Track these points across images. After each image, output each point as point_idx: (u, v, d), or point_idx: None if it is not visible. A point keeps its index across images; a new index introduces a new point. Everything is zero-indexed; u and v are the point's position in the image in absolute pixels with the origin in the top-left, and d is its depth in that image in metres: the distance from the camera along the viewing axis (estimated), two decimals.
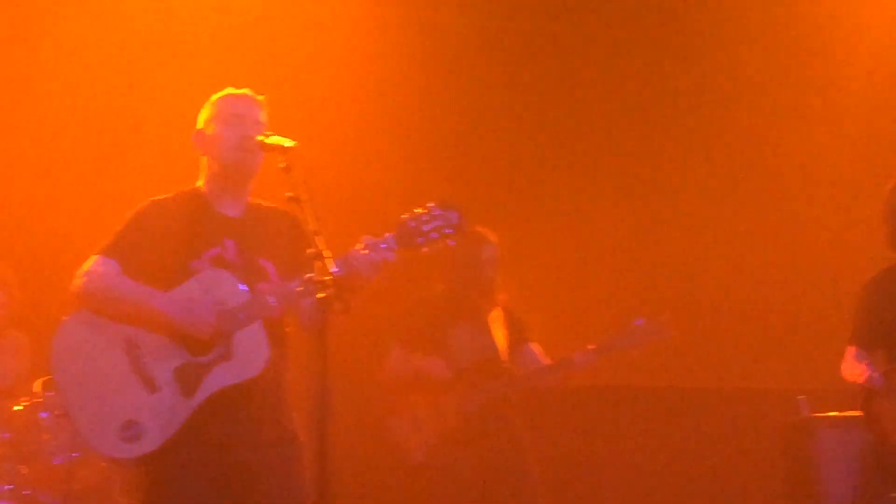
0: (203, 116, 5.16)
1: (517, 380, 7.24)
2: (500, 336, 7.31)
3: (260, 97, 5.15)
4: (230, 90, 5.17)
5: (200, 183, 5.14)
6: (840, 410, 7.43)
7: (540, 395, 7.43)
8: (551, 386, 7.28)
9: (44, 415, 6.85)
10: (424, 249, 4.77)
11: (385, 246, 4.72)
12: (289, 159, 4.64)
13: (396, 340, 7.37)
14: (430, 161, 8.75)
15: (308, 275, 4.61)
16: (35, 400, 6.90)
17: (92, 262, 4.94)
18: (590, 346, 7.11)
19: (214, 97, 5.18)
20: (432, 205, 4.78)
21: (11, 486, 6.68)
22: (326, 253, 4.43)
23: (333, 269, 4.43)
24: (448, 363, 7.16)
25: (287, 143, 4.72)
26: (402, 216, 4.78)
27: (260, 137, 4.85)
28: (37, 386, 6.83)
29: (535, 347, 7.40)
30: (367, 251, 4.72)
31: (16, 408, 6.93)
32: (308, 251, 4.45)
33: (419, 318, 7.36)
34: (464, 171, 8.88)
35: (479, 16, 8.97)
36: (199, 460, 4.82)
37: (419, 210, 4.77)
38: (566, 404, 7.99)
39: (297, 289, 4.77)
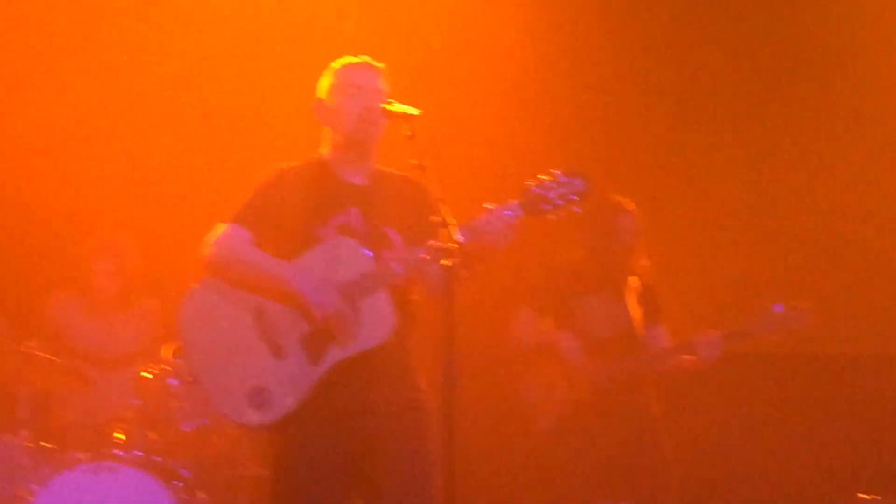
0: (323, 86, 5.16)
1: (651, 357, 7.08)
2: (635, 308, 7.19)
3: (380, 65, 5.14)
4: (349, 59, 5.16)
5: (324, 151, 5.15)
6: None
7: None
8: (685, 368, 7.10)
9: (173, 382, 6.91)
10: (550, 217, 4.76)
11: (510, 213, 4.72)
12: (413, 127, 4.66)
13: (527, 304, 7.27)
14: (556, 129, 8.62)
15: (432, 242, 4.61)
16: (164, 367, 6.96)
17: (221, 230, 4.99)
18: (724, 330, 6.95)
19: (334, 65, 5.17)
20: (558, 172, 4.77)
21: (141, 453, 6.75)
22: (451, 220, 4.44)
23: (458, 236, 4.44)
24: (580, 333, 7.06)
25: (411, 111, 4.74)
26: (527, 182, 4.77)
27: (384, 105, 4.86)
28: (166, 352, 6.90)
29: (663, 330, 7.25)
30: (491, 219, 4.70)
31: (145, 375, 7.01)
32: (432, 218, 4.47)
33: (552, 284, 7.19)
34: (590, 141, 8.73)
35: None
36: (328, 427, 4.85)
37: (544, 177, 4.76)
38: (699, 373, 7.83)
39: (422, 256, 4.78)
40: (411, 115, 4.71)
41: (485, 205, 4.77)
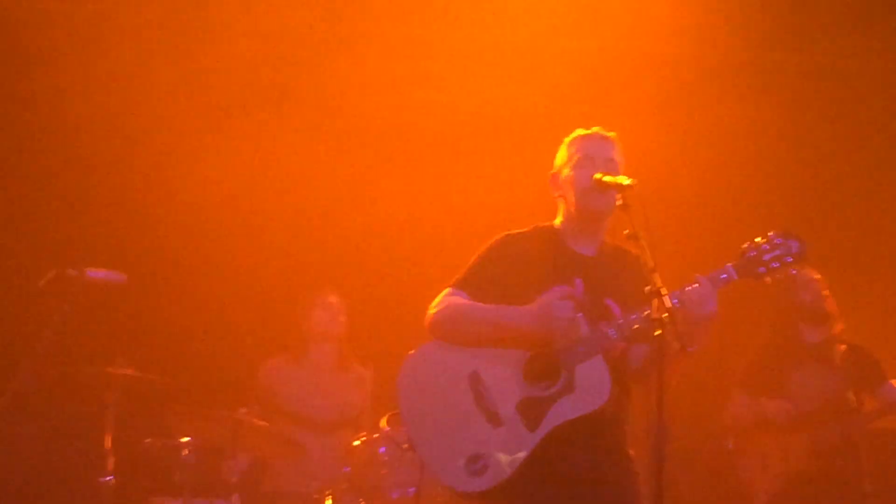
0: (558, 159, 5.21)
1: (867, 417, 7.04)
2: (846, 375, 7.12)
3: (611, 135, 5.16)
4: (580, 131, 5.19)
5: (558, 221, 5.18)
6: None
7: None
8: None
9: (381, 450, 6.98)
10: (765, 279, 4.82)
11: (725, 276, 4.77)
12: (626, 197, 4.70)
13: (739, 386, 7.32)
14: (763, 194, 8.55)
15: (646, 312, 4.60)
16: (373, 435, 7.04)
17: (444, 294, 5.03)
18: None
19: (567, 139, 5.22)
20: (772, 234, 4.86)
21: None
22: (664, 290, 4.46)
23: (673, 300, 4.52)
24: (793, 406, 7.03)
25: (623, 180, 4.77)
26: (743, 245, 4.84)
27: (597, 176, 4.91)
28: (383, 423, 6.94)
29: (891, 386, 7.18)
30: (705, 283, 4.71)
31: (355, 443, 7.09)
32: (646, 288, 4.48)
33: (760, 363, 7.29)
34: (797, 204, 8.63)
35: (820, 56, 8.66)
36: (543, 494, 4.84)
37: (759, 239, 4.86)
38: None
39: (634, 325, 4.78)
40: (623, 185, 4.75)
41: (694, 276, 4.77)
